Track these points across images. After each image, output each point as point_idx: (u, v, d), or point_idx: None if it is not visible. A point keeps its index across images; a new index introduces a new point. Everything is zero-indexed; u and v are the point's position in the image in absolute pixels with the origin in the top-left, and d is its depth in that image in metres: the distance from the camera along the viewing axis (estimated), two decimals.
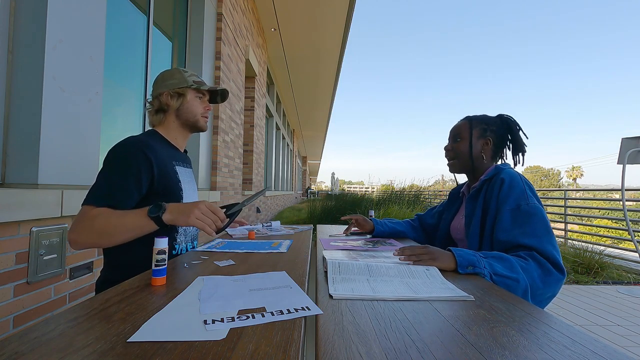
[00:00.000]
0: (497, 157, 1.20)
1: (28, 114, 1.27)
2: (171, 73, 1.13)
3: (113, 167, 0.94)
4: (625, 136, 3.99)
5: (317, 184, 62.60)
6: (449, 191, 1.40)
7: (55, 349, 0.42)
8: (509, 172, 1.07)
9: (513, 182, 1.03)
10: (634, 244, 3.97)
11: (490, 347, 0.45)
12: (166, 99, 1.11)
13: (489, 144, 1.18)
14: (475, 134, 1.18)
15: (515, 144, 1.18)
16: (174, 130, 1.14)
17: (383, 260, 0.94)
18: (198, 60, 3.06)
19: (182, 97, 1.12)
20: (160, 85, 1.12)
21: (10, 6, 1.27)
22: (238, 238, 1.36)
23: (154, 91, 1.12)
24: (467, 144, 1.18)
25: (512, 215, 0.98)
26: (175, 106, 1.11)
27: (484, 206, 1.08)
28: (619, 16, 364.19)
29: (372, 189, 24.53)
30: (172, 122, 1.14)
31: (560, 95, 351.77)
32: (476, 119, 1.21)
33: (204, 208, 0.88)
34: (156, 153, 0.99)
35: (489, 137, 1.17)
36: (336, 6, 5.02)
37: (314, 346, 0.46)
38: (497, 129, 1.18)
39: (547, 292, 0.89)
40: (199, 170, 3.02)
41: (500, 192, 1.03)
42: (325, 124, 14.68)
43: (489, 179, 1.11)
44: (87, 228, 0.86)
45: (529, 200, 0.98)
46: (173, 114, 1.13)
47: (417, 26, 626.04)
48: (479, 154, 1.17)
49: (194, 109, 1.14)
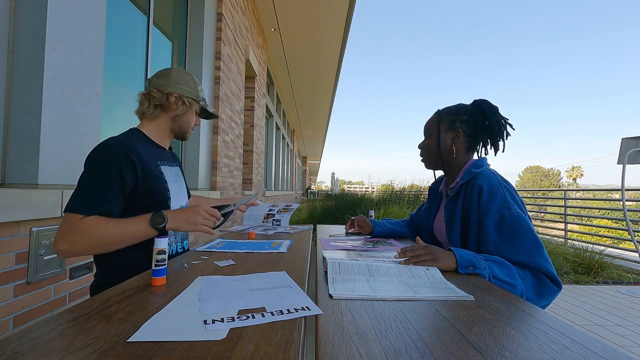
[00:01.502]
0: (474, 148, 1.13)
1: (28, 114, 1.27)
2: (185, 78, 1.10)
3: (96, 171, 0.90)
4: (625, 136, 3.99)
5: (317, 184, 62.63)
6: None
7: (55, 349, 0.42)
8: (487, 176, 1.00)
9: (492, 189, 0.97)
10: (634, 244, 3.97)
11: (490, 347, 0.45)
12: (174, 101, 1.07)
13: (459, 136, 1.10)
14: (443, 128, 1.12)
15: (492, 130, 1.09)
16: (162, 131, 1.11)
17: (383, 260, 0.94)
18: (198, 60, 3.06)
19: (188, 108, 1.10)
20: (172, 85, 1.07)
21: (10, 6, 1.27)
22: (238, 238, 1.36)
23: (164, 86, 1.06)
24: (435, 140, 1.13)
25: (497, 227, 0.93)
26: (176, 113, 1.09)
27: (463, 213, 1.03)
28: (619, 16, 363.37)
29: (372, 189, 24.53)
30: (164, 123, 1.10)
31: (561, 95, 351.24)
32: (445, 111, 1.13)
33: (204, 214, 0.95)
34: (139, 154, 0.96)
35: (459, 128, 1.10)
36: (336, 6, 5.02)
37: (314, 346, 0.46)
38: (468, 117, 1.10)
39: (540, 303, 0.88)
40: (199, 170, 3.02)
41: (480, 202, 0.97)
42: (325, 124, 14.68)
43: (466, 183, 1.04)
44: (82, 238, 0.84)
45: (511, 209, 0.93)
46: (169, 117, 1.10)
47: (417, 26, 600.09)
48: (449, 149, 1.11)
49: (190, 121, 1.14)
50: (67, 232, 0.84)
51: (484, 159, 1.11)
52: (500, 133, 1.08)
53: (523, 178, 62.25)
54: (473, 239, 1.00)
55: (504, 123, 1.08)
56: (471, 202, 1.00)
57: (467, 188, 1.03)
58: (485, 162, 1.09)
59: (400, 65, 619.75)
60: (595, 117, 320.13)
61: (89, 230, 0.85)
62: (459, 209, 1.04)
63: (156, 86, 1.06)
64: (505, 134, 1.09)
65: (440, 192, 1.25)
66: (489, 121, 1.09)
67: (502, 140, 1.09)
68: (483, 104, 1.11)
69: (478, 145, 1.14)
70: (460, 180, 1.07)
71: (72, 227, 0.84)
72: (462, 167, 1.12)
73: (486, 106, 1.10)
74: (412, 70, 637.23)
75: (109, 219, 0.88)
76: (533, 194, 13.80)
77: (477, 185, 0.99)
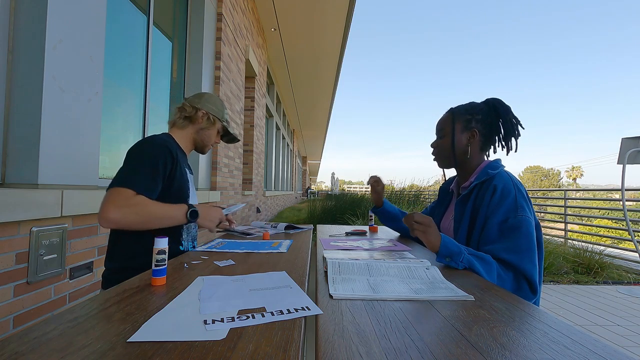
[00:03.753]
0: (488, 148, 1.13)
1: (28, 114, 1.27)
2: (215, 101, 1.29)
3: (147, 159, 1.02)
4: (625, 136, 3.99)
5: (317, 184, 62.59)
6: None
7: (55, 349, 0.42)
8: (503, 178, 1.01)
9: (505, 190, 0.97)
10: (634, 244, 3.97)
11: (491, 347, 0.45)
12: (201, 116, 1.24)
13: (475, 136, 1.09)
14: (458, 128, 1.10)
15: (505, 129, 1.08)
16: (187, 141, 1.26)
17: (383, 260, 0.94)
18: (198, 60, 3.06)
19: (211, 124, 1.27)
20: (203, 103, 1.25)
21: (10, 6, 1.27)
22: (238, 238, 1.36)
23: (196, 102, 1.25)
24: (450, 140, 1.11)
25: (499, 229, 0.94)
26: (201, 126, 1.25)
27: (472, 211, 1.03)
28: (619, 15, 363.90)
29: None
30: (190, 134, 1.26)
31: (561, 95, 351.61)
32: (459, 110, 1.12)
33: (222, 217, 1.16)
34: (177, 155, 1.12)
35: (475, 128, 1.09)
36: (336, 6, 5.02)
37: (314, 346, 0.46)
38: (483, 117, 1.09)
39: None
40: (199, 170, 3.02)
41: (491, 201, 0.98)
42: (325, 124, 14.68)
43: (480, 184, 1.04)
44: (135, 212, 0.93)
45: (517, 212, 0.93)
46: (195, 129, 1.25)
47: (417, 26, 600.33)
48: (464, 149, 1.10)
49: (210, 137, 1.30)
50: (120, 204, 0.92)
51: (499, 160, 1.11)
52: (513, 133, 1.07)
53: (523, 178, 62.24)
54: (475, 237, 1.00)
55: (515, 123, 1.08)
56: (482, 202, 1.00)
57: (482, 188, 1.03)
58: (500, 164, 1.09)
59: (401, 65, 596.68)
60: (596, 117, 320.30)
61: (142, 206, 0.95)
62: (469, 207, 1.04)
63: (189, 102, 1.25)
64: (517, 134, 1.08)
65: (451, 191, 1.25)
66: (503, 121, 1.08)
67: (515, 140, 1.09)
68: (497, 103, 1.09)
69: (491, 145, 1.13)
70: (475, 180, 1.06)
71: (127, 201, 0.93)
72: (475, 167, 1.11)
73: (500, 105, 1.09)
74: (412, 70, 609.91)
75: (154, 202, 0.99)
76: (533, 194, 13.81)
77: (492, 185, 1.00)
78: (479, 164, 1.11)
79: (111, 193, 0.93)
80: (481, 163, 1.11)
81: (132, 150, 1.05)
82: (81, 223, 1.45)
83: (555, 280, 3.66)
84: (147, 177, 1.00)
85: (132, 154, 1.04)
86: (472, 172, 1.11)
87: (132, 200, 0.94)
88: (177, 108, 1.26)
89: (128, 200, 0.93)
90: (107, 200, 0.92)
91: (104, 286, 1.06)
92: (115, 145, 2.05)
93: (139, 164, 1.01)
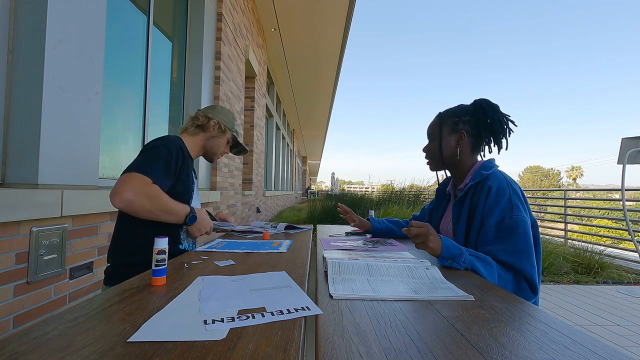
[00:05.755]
0: (479, 148, 1.13)
1: (28, 114, 1.27)
2: (227, 112, 1.36)
3: (163, 153, 1.07)
4: (625, 136, 3.99)
5: (317, 184, 62.61)
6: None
7: (55, 349, 0.42)
8: (497, 178, 1.01)
9: (500, 191, 0.98)
10: (634, 244, 3.97)
11: (491, 347, 0.45)
12: (212, 124, 1.31)
13: (463, 137, 1.10)
14: (445, 131, 1.12)
15: (494, 128, 1.08)
16: (196, 147, 1.31)
17: (383, 260, 0.94)
18: (198, 60, 3.06)
19: (221, 133, 1.33)
20: (215, 113, 1.32)
21: (10, 6, 1.27)
22: (238, 238, 1.36)
23: (208, 112, 1.32)
24: (438, 143, 1.13)
25: (496, 229, 0.95)
26: (212, 134, 1.32)
27: (469, 213, 1.04)
28: (619, 15, 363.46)
29: (372, 189, 24.53)
30: (199, 141, 1.31)
31: (561, 95, 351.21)
32: (447, 114, 1.13)
33: (210, 229, 1.19)
34: (188, 157, 1.18)
35: (462, 129, 1.10)
36: (336, 6, 5.02)
37: (314, 346, 0.46)
38: (470, 117, 1.10)
39: None
40: (199, 170, 3.02)
41: (487, 202, 0.98)
42: (325, 124, 14.67)
43: (475, 185, 1.04)
44: (151, 198, 0.98)
45: (513, 212, 0.94)
46: (206, 137, 1.32)
47: (417, 26, 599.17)
48: (453, 151, 1.11)
49: (220, 146, 1.35)
50: (137, 187, 0.96)
51: (493, 160, 1.11)
52: (502, 131, 1.08)
53: (523, 178, 62.20)
54: (473, 238, 1.00)
55: (505, 121, 1.08)
56: (478, 202, 1.01)
57: (477, 189, 1.03)
58: (494, 164, 1.09)
59: (401, 65, 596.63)
60: (596, 117, 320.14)
61: (155, 194, 0.99)
62: (466, 209, 1.04)
63: (202, 112, 1.32)
64: (508, 132, 1.08)
65: (447, 193, 1.25)
66: (490, 120, 1.08)
67: (505, 138, 1.09)
68: (483, 103, 1.10)
69: (482, 145, 1.13)
70: (469, 181, 1.06)
71: (144, 187, 0.97)
72: (469, 168, 1.11)
73: (487, 105, 1.09)
74: (413, 70, 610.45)
75: (165, 194, 1.03)
76: (533, 194, 13.80)
77: (486, 186, 1.00)
78: (472, 165, 1.11)
79: (129, 176, 0.97)
80: (474, 164, 1.12)
81: (148, 145, 1.10)
82: (81, 223, 1.45)
83: (555, 280, 3.66)
84: (162, 170, 1.05)
85: (148, 148, 1.09)
86: (466, 173, 1.11)
87: (148, 187, 0.98)
88: (190, 117, 1.32)
89: (144, 187, 0.97)
90: (124, 181, 0.96)
91: (107, 282, 1.07)
92: (115, 145, 2.05)
93: (155, 158, 1.05)
